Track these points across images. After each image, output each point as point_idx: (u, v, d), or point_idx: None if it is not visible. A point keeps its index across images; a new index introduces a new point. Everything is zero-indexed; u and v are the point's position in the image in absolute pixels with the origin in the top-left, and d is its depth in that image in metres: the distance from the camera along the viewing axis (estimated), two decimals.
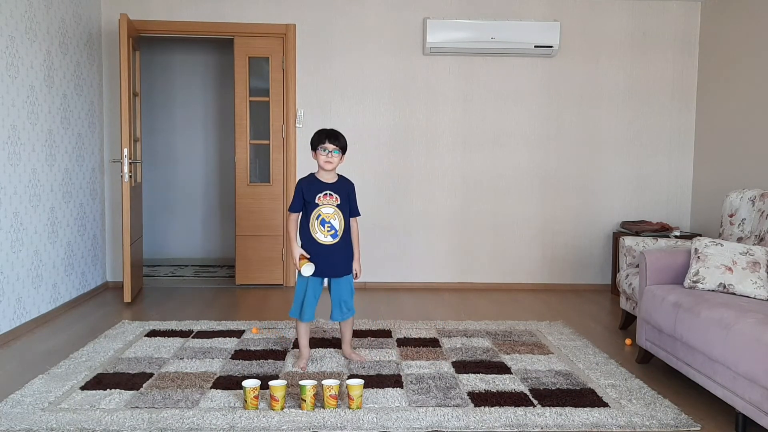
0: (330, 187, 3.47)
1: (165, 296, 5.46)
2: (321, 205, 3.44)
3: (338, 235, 3.46)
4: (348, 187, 3.54)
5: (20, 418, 2.83)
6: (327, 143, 3.43)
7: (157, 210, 7.26)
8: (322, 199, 3.45)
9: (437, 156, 5.82)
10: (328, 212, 3.45)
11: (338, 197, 3.47)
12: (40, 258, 4.53)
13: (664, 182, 5.94)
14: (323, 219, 3.44)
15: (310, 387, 2.91)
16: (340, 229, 3.47)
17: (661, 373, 3.59)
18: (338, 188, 3.49)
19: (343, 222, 3.48)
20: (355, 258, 3.56)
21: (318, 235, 3.45)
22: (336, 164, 3.47)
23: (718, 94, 5.55)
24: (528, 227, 5.91)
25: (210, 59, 7.21)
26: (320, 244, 3.45)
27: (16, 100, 4.21)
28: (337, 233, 3.46)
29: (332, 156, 3.44)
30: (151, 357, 3.68)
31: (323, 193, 3.45)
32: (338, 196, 3.47)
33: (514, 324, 4.56)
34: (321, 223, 3.45)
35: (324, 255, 3.46)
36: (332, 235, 3.45)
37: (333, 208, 3.45)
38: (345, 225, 3.48)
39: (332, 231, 3.45)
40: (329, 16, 5.72)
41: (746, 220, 4.03)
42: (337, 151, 3.45)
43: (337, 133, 3.49)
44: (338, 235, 3.46)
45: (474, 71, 5.78)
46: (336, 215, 3.45)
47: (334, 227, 3.45)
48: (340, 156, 3.47)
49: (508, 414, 2.92)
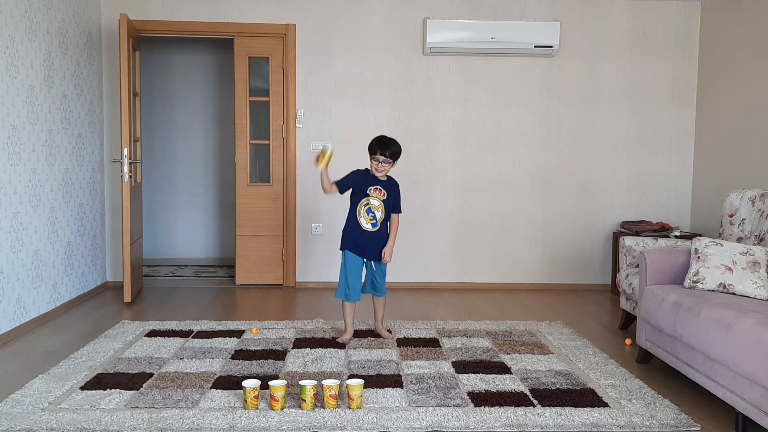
0: (381, 184, 3.97)
1: (165, 296, 5.46)
2: (371, 197, 3.93)
3: (377, 225, 3.95)
4: (395, 187, 4.02)
5: (20, 418, 2.83)
6: (378, 154, 3.88)
7: (157, 210, 7.26)
8: (372, 192, 3.94)
9: (437, 156, 5.83)
10: (374, 204, 3.95)
11: (386, 193, 3.96)
12: (40, 258, 4.53)
13: (664, 182, 5.94)
14: (369, 208, 3.94)
15: (310, 387, 2.91)
16: (380, 221, 3.96)
17: (661, 373, 3.59)
18: (388, 186, 3.98)
19: (384, 215, 3.96)
20: (388, 245, 3.99)
21: (362, 220, 3.94)
22: (387, 171, 3.94)
23: (718, 94, 5.55)
24: (528, 227, 5.91)
25: (210, 59, 7.21)
26: (363, 230, 3.95)
27: (16, 100, 4.21)
28: (377, 223, 3.95)
29: (383, 165, 3.90)
30: (151, 357, 3.68)
31: (374, 187, 3.94)
32: (387, 192, 3.96)
33: (514, 324, 4.56)
34: (367, 211, 3.94)
35: (365, 241, 3.96)
36: (373, 224, 3.95)
37: (379, 201, 3.95)
38: (385, 218, 3.97)
39: (374, 220, 3.95)
40: (329, 16, 5.72)
41: (746, 220, 4.03)
42: (388, 162, 3.90)
43: (387, 142, 3.90)
44: (377, 225, 3.96)
45: (474, 71, 5.79)
46: (380, 208, 3.95)
47: (376, 217, 3.95)
48: (391, 164, 3.92)
49: (508, 414, 2.92)
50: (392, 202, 3.99)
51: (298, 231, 5.84)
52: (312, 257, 5.86)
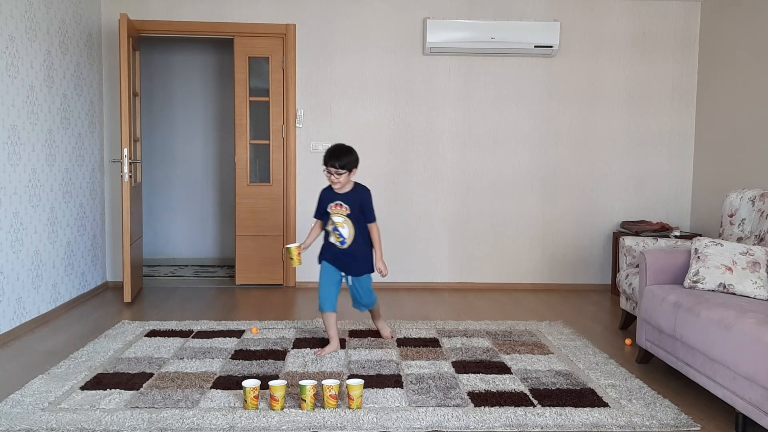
0: (341, 198, 3.68)
1: (165, 296, 5.46)
2: (332, 214, 3.70)
3: (346, 242, 3.71)
4: (361, 197, 3.70)
5: (20, 418, 2.83)
6: (329, 165, 3.61)
7: (157, 210, 7.26)
8: (333, 209, 3.69)
9: (437, 156, 5.83)
10: (338, 221, 3.70)
11: (348, 207, 3.67)
12: (40, 258, 4.53)
13: (664, 182, 5.94)
14: (335, 227, 3.71)
15: (310, 387, 2.91)
16: (349, 237, 3.70)
17: (661, 373, 3.59)
18: (350, 198, 3.68)
19: (353, 230, 3.69)
20: (376, 258, 3.79)
21: (331, 238, 3.75)
22: (343, 182, 3.64)
23: (718, 94, 5.55)
24: (528, 227, 5.91)
25: (210, 59, 7.21)
26: (335, 246, 3.75)
27: (16, 100, 4.21)
28: (345, 241, 3.71)
29: (336, 177, 3.61)
30: (151, 357, 3.68)
31: (334, 203, 3.69)
32: (348, 206, 3.67)
33: (514, 324, 4.56)
34: (333, 230, 3.72)
35: (338, 256, 3.76)
36: (341, 242, 3.72)
37: (342, 218, 3.68)
38: (355, 232, 3.70)
39: (341, 238, 3.71)
40: (329, 16, 5.72)
41: (746, 220, 4.03)
42: (342, 171, 3.60)
43: (340, 151, 3.61)
44: (346, 243, 3.71)
45: (474, 71, 5.78)
46: (345, 224, 3.69)
47: (342, 235, 3.70)
48: (347, 174, 3.62)
49: (508, 414, 2.92)
50: (359, 213, 3.69)
51: (298, 231, 5.83)
52: (312, 257, 5.81)
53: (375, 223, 3.78)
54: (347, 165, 3.61)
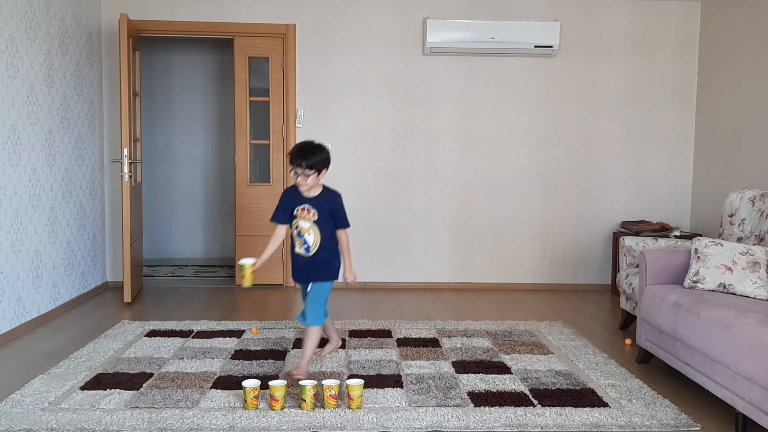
0: (310, 202, 3.30)
1: (165, 296, 5.46)
2: (298, 218, 3.30)
3: (311, 249, 3.30)
4: (332, 202, 3.32)
5: (20, 418, 2.83)
6: (295, 165, 3.20)
7: (157, 210, 7.26)
8: (300, 213, 3.30)
9: (437, 156, 5.82)
10: (303, 226, 3.30)
11: (317, 212, 3.28)
12: (40, 258, 4.53)
13: (664, 182, 5.94)
14: (299, 232, 3.31)
15: (310, 387, 2.91)
16: (314, 245, 3.29)
17: (661, 373, 3.59)
18: (319, 203, 3.30)
19: (320, 237, 3.29)
20: (346, 268, 3.40)
21: (295, 245, 3.35)
22: (311, 185, 3.25)
23: (718, 94, 5.55)
24: (528, 227, 5.91)
25: (210, 59, 7.21)
26: (300, 257, 3.35)
27: (16, 100, 4.21)
28: (310, 248, 3.30)
29: (304, 178, 3.21)
30: (151, 357, 3.68)
31: (301, 207, 3.30)
32: (317, 211, 3.29)
33: (514, 324, 4.56)
34: (298, 234, 3.32)
35: (300, 264, 3.37)
36: (305, 249, 3.31)
37: (309, 223, 3.29)
38: (322, 240, 3.29)
39: (305, 245, 3.30)
40: (329, 16, 5.72)
41: (746, 220, 4.03)
42: (309, 173, 3.20)
43: (308, 149, 3.22)
44: (311, 250, 3.30)
45: (474, 71, 5.78)
46: (312, 230, 3.29)
47: (307, 242, 3.29)
48: (315, 175, 3.22)
49: (508, 414, 2.92)
50: (327, 220, 3.31)
51: None
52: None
53: (346, 230, 3.40)
54: (316, 165, 3.20)
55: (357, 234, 5.52)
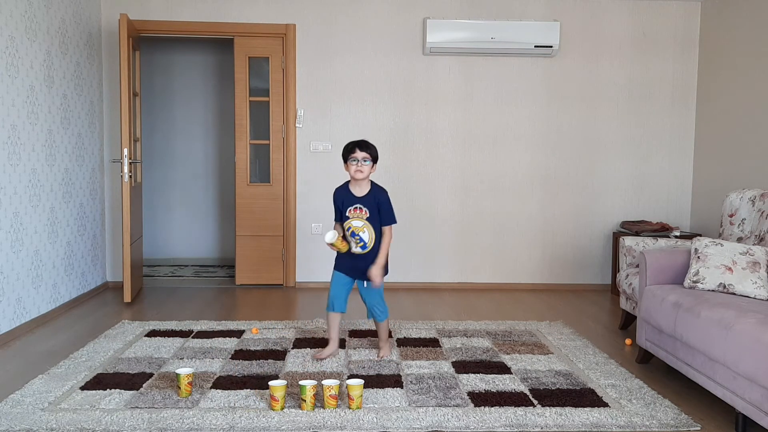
0: (360, 201, 3.57)
1: (165, 296, 5.46)
2: (351, 218, 3.56)
3: (367, 246, 3.57)
4: (379, 198, 3.58)
5: (20, 418, 2.83)
6: (357, 152, 3.51)
7: (157, 210, 7.26)
8: (352, 213, 3.57)
9: (437, 156, 5.82)
10: (357, 225, 3.56)
11: (367, 210, 3.56)
12: (40, 258, 4.53)
13: (664, 182, 5.94)
14: (353, 231, 3.56)
15: (310, 387, 2.91)
16: (370, 241, 3.56)
17: (661, 373, 3.59)
18: (368, 201, 3.57)
19: (374, 234, 3.57)
20: (375, 264, 3.56)
21: (351, 244, 3.58)
22: (367, 173, 3.54)
23: (718, 94, 5.55)
24: (528, 227, 5.91)
25: (210, 59, 7.21)
26: (353, 254, 3.59)
27: (16, 100, 4.21)
28: (366, 245, 3.56)
29: (362, 165, 3.51)
30: (151, 357, 3.68)
31: (353, 207, 3.57)
32: (368, 209, 3.56)
33: (514, 324, 4.56)
34: (351, 234, 3.57)
35: (354, 261, 3.60)
36: (361, 247, 3.57)
37: (362, 221, 3.56)
38: (376, 236, 3.57)
39: (361, 243, 3.56)
40: (329, 16, 5.72)
41: (746, 220, 4.03)
42: (367, 160, 3.52)
43: (366, 142, 3.57)
44: (367, 247, 3.57)
45: (474, 71, 5.78)
46: (365, 228, 3.55)
47: (363, 239, 3.56)
48: (371, 165, 3.54)
49: (508, 414, 2.92)
50: (377, 216, 3.56)
51: (298, 231, 5.84)
52: (312, 257, 5.86)
53: (391, 227, 3.61)
54: (372, 154, 3.54)
55: None
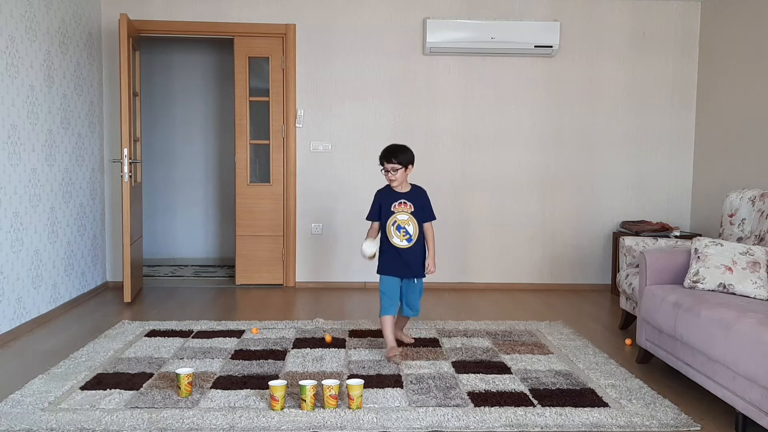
0: (404, 197, 3.80)
1: (165, 296, 5.46)
2: (396, 213, 3.76)
3: (413, 239, 3.76)
4: (421, 196, 3.84)
5: (20, 418, 2.83)
6: (385, 164, 3.74)
7: (157, 210, 7.26)
8: (397, 207, 3.77)
9: (437, 155, 5.82)
10: (402, 219, 3.76)
11: (412, 205, 3.78)
12: (40, 258, 4.53)
13: (664, 182, 5.94)
14: (399, 225, 3.76)
15: (310, 387, 2.91)
16: (415, 234, 3.76)
17: (661, 373, 3.59)
18: (412, 197, 3.80)
19: (417, 228, 3.76)
20: (429, 255, 3.81)
21: (395, 239, 3.75)
22: (401, 179, 3.76)
23: (718, 94, 5.55)
24: (528, 227, 5.91)
25: (210, 59, 7.20)
26: (397, 248, 3.75)
27: (16, 100, 4.21)
28: (412, 238, 3.75)
29: (393, 174, 3.74)
30: (151, 357, 3.68)
31: (398, 202, 3.78)
32: (412, 204, 3.78)
33: (514, 324, 4.56)
34: (397, 228, 3.75)
35: (401, 258, 3.76)
36: (407, 239, 3.75)
37: (407, 215, 3.77)
38: (419, 230, 3.77)
39: (407, 236, 3.76)
40: (329, 16, 5.72)
41: (746, 220, 4.03)
42: (397, 169, 3.72)
43: (395, 150, 3.75)
44: (413, 239, 3.76)
45: (474, 71, 5.78)
46: (410, 221, 3.76)
47: (408, 232, 3.76)
48: (403, 170, 3.74)
49: (508, 414, 2.92)
50: (421, 211, 3.80)
51: (298, 231, 5.84)
52: (312, 257, 5.86)
53: (431, 223, 3.85)
54: (402, 161, 3.72)
55: (357, 233, 5.51)
